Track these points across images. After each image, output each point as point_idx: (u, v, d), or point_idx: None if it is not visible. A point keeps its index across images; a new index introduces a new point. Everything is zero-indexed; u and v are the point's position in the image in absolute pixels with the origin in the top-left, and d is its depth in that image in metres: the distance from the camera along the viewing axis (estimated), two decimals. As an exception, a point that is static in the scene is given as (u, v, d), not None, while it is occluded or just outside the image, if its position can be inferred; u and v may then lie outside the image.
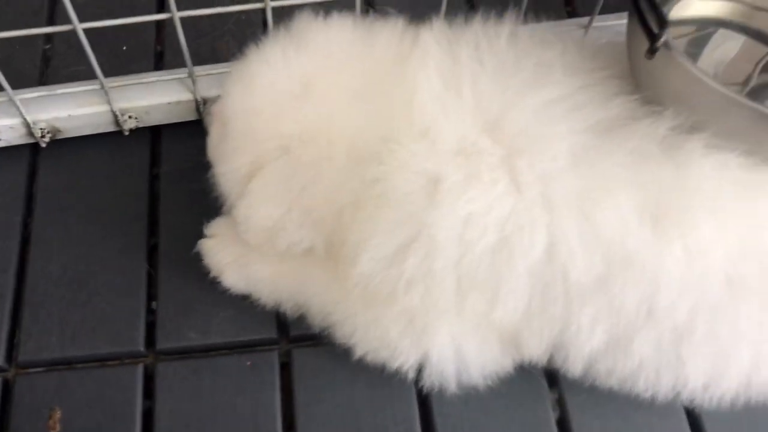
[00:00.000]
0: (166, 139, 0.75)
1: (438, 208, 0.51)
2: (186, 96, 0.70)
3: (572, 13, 0.88)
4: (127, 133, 0.73)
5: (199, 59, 0.75)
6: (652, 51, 0.46)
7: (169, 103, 0.69)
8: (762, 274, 0.51)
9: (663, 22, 0.45)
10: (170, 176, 0.73)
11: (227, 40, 0.84)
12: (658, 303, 0.51)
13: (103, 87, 0.65)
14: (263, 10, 0.67)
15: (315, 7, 0.62)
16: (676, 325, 0.51)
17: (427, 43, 0.55)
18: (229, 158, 0.59)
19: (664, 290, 0.50)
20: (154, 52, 0.82)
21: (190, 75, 0.67)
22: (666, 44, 0.46)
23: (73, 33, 0.60)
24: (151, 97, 0.69)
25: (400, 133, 0.53)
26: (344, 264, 0.55)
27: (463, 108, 0.53)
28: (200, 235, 0.67)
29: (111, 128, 0.72)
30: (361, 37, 0.58)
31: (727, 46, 0.60)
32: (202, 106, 0.70)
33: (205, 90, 0.70)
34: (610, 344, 0.54)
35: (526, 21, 0.72)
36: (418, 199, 0.51)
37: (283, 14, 0.62)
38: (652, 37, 0.46)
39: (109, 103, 0.68)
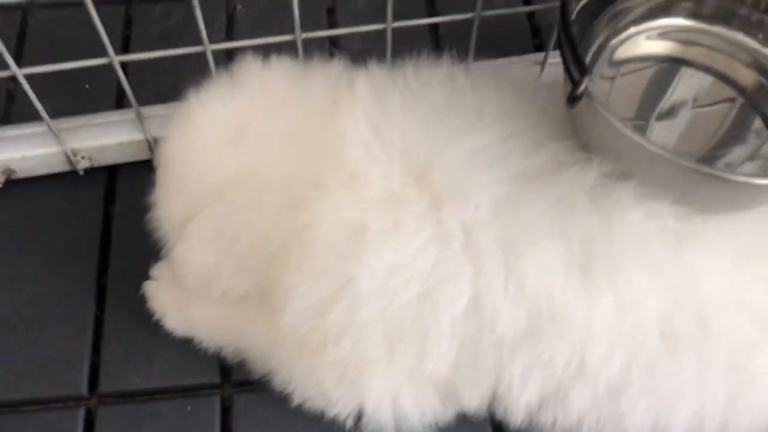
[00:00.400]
0: (121, 179, 0.75)
1: (362, 258, 0.50)
2: (137, 136, 0.70)
3: (539, 46, 0.87)
4: (81, 173, 0.73)
5: (161, 97, 0.76)
6: (571, 99, 0.45)
7: (120, 144, 0.70)
8: (699, 326, 0.49)
9: (583, 69, 0.44)
10: (124, 216, 0.73)
11: (187, 77, 0.84)
12: (590, 357, 0.49)
13: (51, 129, 0.66)
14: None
15: (260, 50, 0.62)
16: (610, 379, 0.50)
17: (358, 89, 0.55)
18: (166, 202, 0.59)
19: (594, 344, 0.48)
20: (117, 90, 0.82)
21: (138, 116, 0.67)
22: (586, 92, 0.44)
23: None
24: (103, 138, 0.69)
25: (328, 179, 0.52)
26: (275, 313, 0.54)
27: (391, 155, 0.52)
28: (148, 277, 0.66)
29: (65, 168, 0.72)
30: (296, 81, 0.58)
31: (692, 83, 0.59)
32: (154, 145, 0.70)
33: (159, 130, 0.70)
34: (546, 397, 0.52)
35: (478, 58, 0.72)
36: (343, 249, 0.50)
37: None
38: (574, 84, 0.45)
39: (60, 144, 0.68)
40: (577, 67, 0.45)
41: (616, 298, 0.48)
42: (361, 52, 0.84)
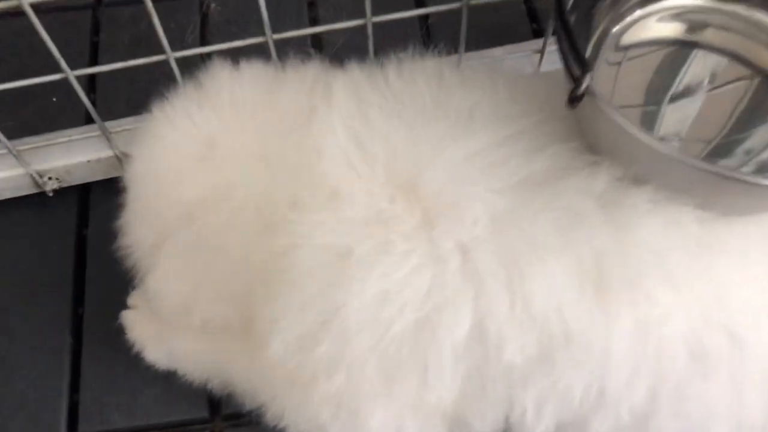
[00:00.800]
0: (94, 198, 0.70)
1: (349, 286, 0.44)
2: (106, 153, 0.64)
3: (538, 32, 0.81)
4: (50, 194, 0.68)
5: (133, 108, 0.70)
6: (572, 99, 0.39)
7: (89, 162, 0.64)
8: (731, 343, 0.43)
9: (584, 65, 0.38)
10: (98, 238, 0.68)
11: (160, 85, 0.78)
12: (610, 384, 0.43)
13: (10, 151, 0.60)
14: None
15: (233, 53, 0.56)
16: (635, 406, 0.44)
17: (335, 94, 0.49)
18: (134, 227, 0.54)
19: (615, 369, 0.43)
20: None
21: (103, 131, 0.61)
22: (589, 90, 0.38)
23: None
24: (70, 156, 0.64)
25: (306, 199, 0.47)
26: (258, 345, 0.49)
27: (375, 168, 0.46)
28: (126, 306, 0.62)
29: (33, 190, 0.67)
30: (267, 87, 0.52)
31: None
32: (124, 161, 0.65)
33: (127, 144, 0.64)
34: (564, 427, 0.47)
35: (472, 49, 0.66)
36: (327, 276, 0.45)
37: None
38: (575, 82, 0.39)
39: (23, 166, 0.63)
40: (577, 63, 0.39)
41: (636, 317, 0.42)
42: (344, 47, 0.78)
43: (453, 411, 0.48)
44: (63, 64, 0.53)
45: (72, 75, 0.54)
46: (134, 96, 0.75)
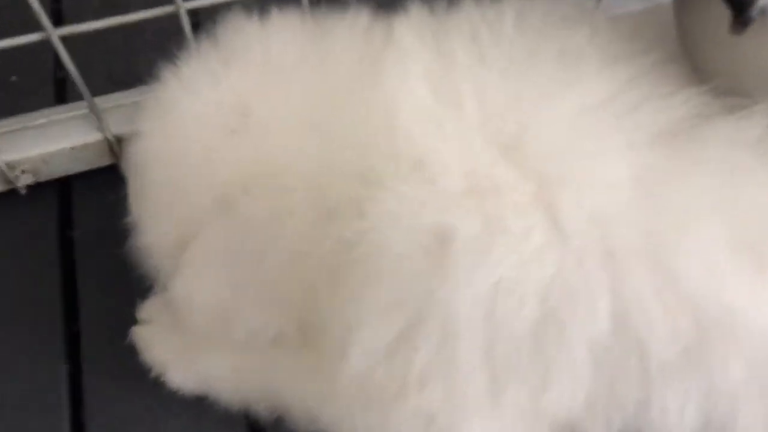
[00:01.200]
0: (77, 193, 0.59)
1: (450, 277, 0.36)
2: (94, 136, 0.54)
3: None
4: (24, 192, 0.57)
5: (113, 83, 0.60)
6: (742, 22, 0.31)
7: (72, 149, 0.54)
8: None
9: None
10: (87, 240, 0.57)
11: (147, 56, 0.68)
12: None
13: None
14: (193, 12, 0.52)
15: (248, 4, 0.46)
16: None
17: (404, 41, 0.40)
18: (151, 223, 0.44)
19: None
20: (54, 80, 0.65)
21: (92, 108, 0.51)
22: (764, 11, 0.31)
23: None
24: (46, 143, 0.53)
25: (383, 170, 0.38)
26: (329, 358, 0.40)
27: (468, 127, 0.38)
28: (135, 320, 0.51)
29: (2, 187, 0.56)
30: (311, 40, 0.43)
31: None
32: (116, 146, 0.55)
33: (120, 125, 0.54)
34: (708, 426, 0.40)
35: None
36: (420, 266, 0.36)
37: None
38: (740, 5, 0.31)
39: (-12, 158, 0.52)
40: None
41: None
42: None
43: (569, 418, 0.41)
44: (45, 20, 0.42)
45: (56, 35, 0.43)
46: (115, 70, 0.64)
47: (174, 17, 0.58)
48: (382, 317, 0.38)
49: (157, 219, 0.44)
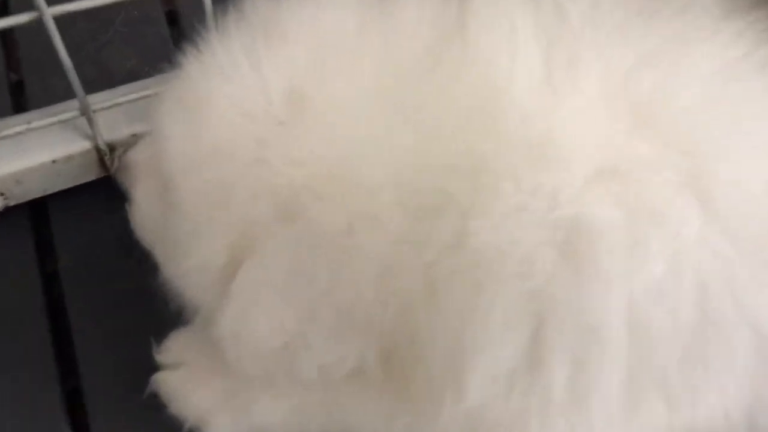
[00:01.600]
0: (55, 217, 0.50)
1: (592, 280, 0.30)
2: (80, 145, 0.45)
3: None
4: (-9, 219, 0.48)
5: (85, 83, 0.52)
6: None
7: (54, 162, 0.45)
8: None
9: None
10: (74, 273, 0.48)
11: (117, 47, 0.59)
12: None
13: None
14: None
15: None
16: None
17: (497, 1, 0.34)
18: (189, 245, 0.36)
19: None
20: (9, 84, 0.56)
21: (84, 111, 0.42)
22: None
23: None
24: (21, 158, 0.44)
25: (495, 157, 0.32)
26: (430, 392, 0.34)
27: (593, 97, 0.32)
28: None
29: (-35, 216, 0.47)
30: (373, 8, 0.37)
31: None
32: (108, 155, 0.46)
33: (113, 130, 0.46)
34: None
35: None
36: (553, 268, 0.31)
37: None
38: None
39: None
40: None
41: None
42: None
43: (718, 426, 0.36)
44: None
45: (49, 13, 0.35)
46: (84, 67, 0.55)
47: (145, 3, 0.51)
48: (505, 335, 0.32)
49: (196, 239, 0.36)
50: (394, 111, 0.34)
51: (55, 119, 0.42)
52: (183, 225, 0.37)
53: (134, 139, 0.45)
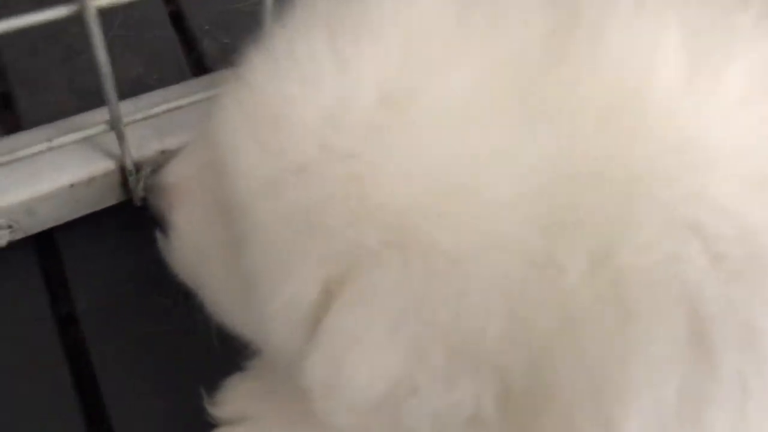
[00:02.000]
0: (66, 250, 0.44)
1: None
2: (103, 165, 0.39)
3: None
4: (-6, 256, 0.41)
5: (77, 96, 0.46)
6: None
7: (72, 186, 0.39)
8: None
9: None
10: (96, 316, 0.42)
11: (118, 53, 0.53)
12: None
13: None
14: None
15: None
16: None
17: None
18: (270, 281, 0.31)
19: None
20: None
21: (114, 125, 0.37)
22: None
23: None
24: (33, 183, 0.38)
25: (643, 161, 0.28)
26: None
27: (742, 93, 0.29)
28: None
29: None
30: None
31: None
32: (132, 176, 0.41)
33: (132, 147, 0.40)
34: None
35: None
36: (719, 287, 0.27)
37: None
38: None
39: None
40: None
41: None
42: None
43: None
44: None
45: (93, 6, 0.30)
46: (77, 78, 0.49)
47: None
48: (666, 374, 0.28)
49: (279, 273, 0.31)
50: (519, 113, 0.30)
51: (80, 135, 0.36)
52: (260, 257, 0.32)
53: (164, 157, 0.40)
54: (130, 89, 0.52)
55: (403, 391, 0.31)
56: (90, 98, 0.49)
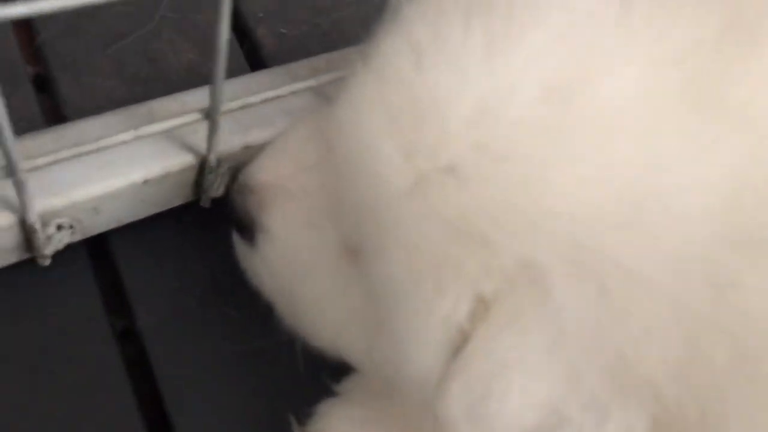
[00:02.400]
0: (121, 255, 0.39)
1: None
2: (181, 160, 0.35)
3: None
4: (47, 263, 0.36)
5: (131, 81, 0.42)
6: None
7: (145, 182, 0.35)
8: None
9: None
10: (160, 332, 0.38)
11: (167, 38, 0.49)
12: None
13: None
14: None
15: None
16: None
17: None
18: (411, 296, 0.28)
19: None
20: (32, 78, 0.45)
21: (210, 113, 0.32)
22: None
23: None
24: (103, 178, 0.34)
25: None
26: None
27: None
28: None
29: (23, 255, 0.35)
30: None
31: None
32: (211, 172, 0.37)
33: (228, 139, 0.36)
34: None
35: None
36: None
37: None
38: None
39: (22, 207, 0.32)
40: None
41: None
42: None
43: None
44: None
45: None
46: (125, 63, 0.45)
47: None
48: None
49: (425, 288, 0.28)
50: (697, 116, 0.28)
51: (171, 124, 0.32)
52: (401, 267, 0.29)
53: (247, 152, 0.36)
54: (185, 75, 0.48)
55: (553, 422, 0.29)
56: (146, 84, 0.45)
